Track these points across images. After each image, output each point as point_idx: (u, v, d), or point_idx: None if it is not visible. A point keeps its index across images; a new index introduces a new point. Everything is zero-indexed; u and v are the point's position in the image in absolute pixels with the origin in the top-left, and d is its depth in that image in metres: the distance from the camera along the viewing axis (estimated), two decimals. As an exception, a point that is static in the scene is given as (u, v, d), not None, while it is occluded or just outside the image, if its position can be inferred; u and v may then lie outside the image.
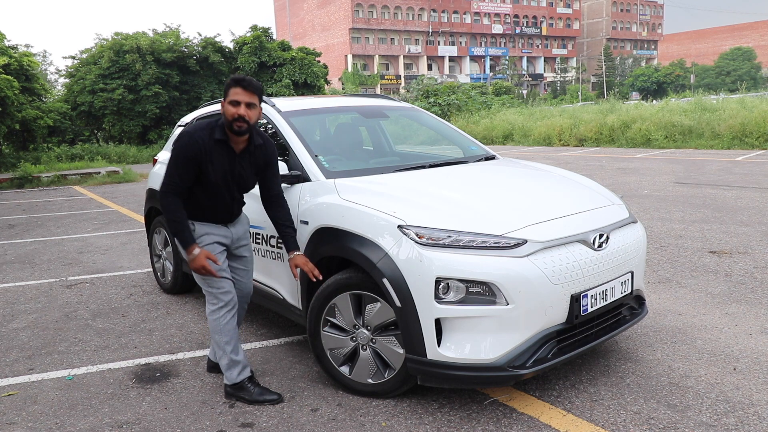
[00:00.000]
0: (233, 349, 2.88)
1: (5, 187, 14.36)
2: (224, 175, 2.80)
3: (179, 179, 2.74)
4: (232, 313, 2.88)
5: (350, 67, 60.74)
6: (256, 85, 2.75)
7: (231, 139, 2.79)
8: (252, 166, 2.90)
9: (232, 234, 2.98)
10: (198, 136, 2.73)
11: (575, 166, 12.78)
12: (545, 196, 3.16)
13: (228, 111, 2.71)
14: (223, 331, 2.86)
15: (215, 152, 2.76)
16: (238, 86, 2.70)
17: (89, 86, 23.62)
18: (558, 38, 77.86)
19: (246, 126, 2.71)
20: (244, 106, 2.69)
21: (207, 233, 2.88)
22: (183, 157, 2.72)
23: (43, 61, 38.37)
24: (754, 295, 4.19)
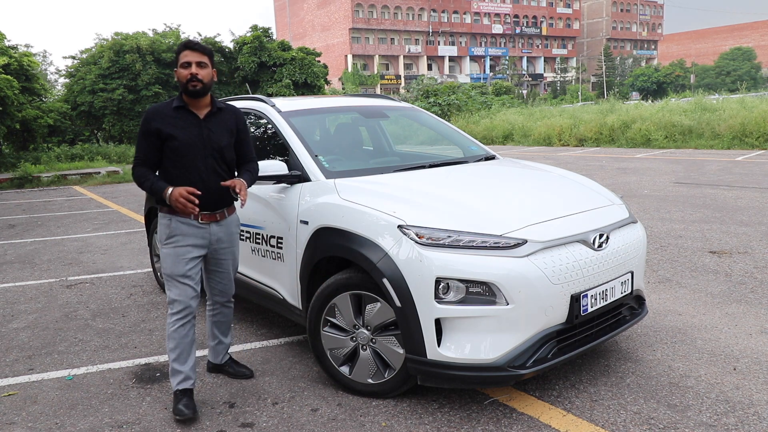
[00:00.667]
0: (177, 358, 2.80)
1: (5, 187, 14.36)
2: (192, 140, 2.72)
3: (142, 153, 2.73)
4: (182, 323, 2.78)
5: (350, 67, 60.73)
6: (205, 46, 2.75)
7: (191, 104, 2.77)
8: (222, 128, 2.83)
9: (211, 235, 2.84)
10: (156, 106, 2.76)
11: (575, 166, 12.78)
12: (545, 196, 3.16)
13: (180, 74, 2.71)
14: (169, 337, 2.80)
15: (178, 120, 2.73)
16: (186, 48, 2.71)
17: (89, 86, 23.61)
18: (558, 38, 77.85)
19: (200, 85, 2.70)
20: (195, 65, 2.69)
21: (182, 234, 2.77)
22: (142, 130, 2.72)
23: (43, 61, 38.39)
24: (754, 295, 4.19)
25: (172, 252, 2.77)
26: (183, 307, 2.78)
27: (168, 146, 2.71)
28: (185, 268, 2.77)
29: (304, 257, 3.08)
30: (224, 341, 3.20)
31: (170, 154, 2.73)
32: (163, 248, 2.80)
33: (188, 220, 2.77)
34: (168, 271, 2.78)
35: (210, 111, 2.81)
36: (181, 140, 2.70)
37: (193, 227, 2.78)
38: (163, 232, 2.80)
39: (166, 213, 2.78)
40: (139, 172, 2.74)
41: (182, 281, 2.77)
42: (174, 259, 2.76)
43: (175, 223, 2.76)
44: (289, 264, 3.23)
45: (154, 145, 2.72)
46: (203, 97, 2.76)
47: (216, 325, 3.15)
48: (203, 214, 2.78)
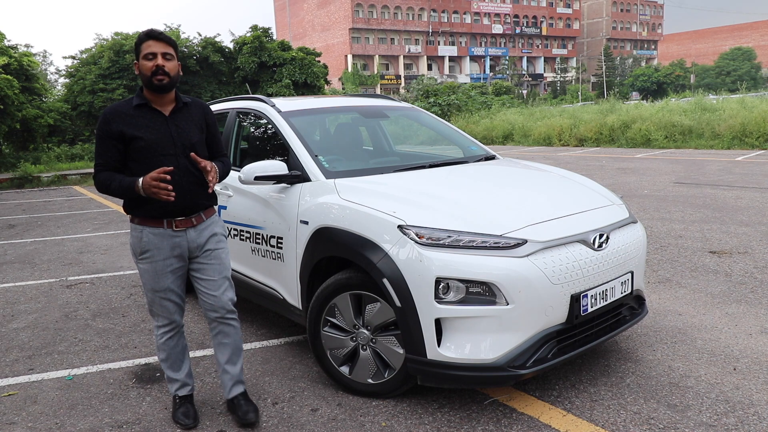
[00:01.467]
0: (170, 366, 2.74)
1: (5, 187, 14.36)
2: (160, 140, 2.48)
3: (103, 158, 2.48)
4: (169, 335, 2.69)
5: (350, 67, 60.74)
6: (169, 36, 2.51)
7: (154, 100, 2.52)
8: (191, 124, 2.58)
9: (189, 242, 2.59)
10: (114, 106, 2.51)
11: (575, 166, 12.78)
12: (545, 196, 3.16)
13: (144, 67, 2.45)
14: (159, 348, 2.73)
15: (142, 119, 2.48)
16: (150, 39, 2.46)
17: (89, 86, 23.60)
18: (558, 38, 77.86)
19: (167, 79, 2.45)
20: (161, 57, 2.44)
21: (156, 247, 2.54)
22: (101, 134, 2.47)
23: (43, 61, 38.38)
24: (754, 295, 4.19)
25: (149, 268, 2.57)
26: (167, 322, 2.68)
27: (133, 148, 2.46)
28: (167, 282, 2.59)
29: (304, 257, 3.08)
30: (229, 370, 2.75)
31: (136, 156, 2.47)
32: (138, 264, 2.61)
33: (161, 231, 2.54)
34: (148, 286, 2.61)
35: (175, 107, 2.57)
36: (148, 140, 2.46)
37: (167, 238, 2.55)
38: (136, 246, 2.58)
39: (137, 225, 2.57)
40: (102, 176, 2.48)
41: (164, 296, 2.61)
42: (152, 275, 2.58)
43: (147, 235, 2.54)
44: (289, 264, 3.23)
45: (116, 149, 2.47)
46: (168, 93, 2.52)
47: (219, 350, 2.74)
48: (177, 221, 2.55)
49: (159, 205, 2.47)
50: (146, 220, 2.54)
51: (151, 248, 2.55)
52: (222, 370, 2.76)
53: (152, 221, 2.54)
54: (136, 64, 2.50)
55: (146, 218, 2.54)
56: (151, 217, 2.53)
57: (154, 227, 2.54)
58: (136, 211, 2.54)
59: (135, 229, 2.58)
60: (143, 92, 2.53)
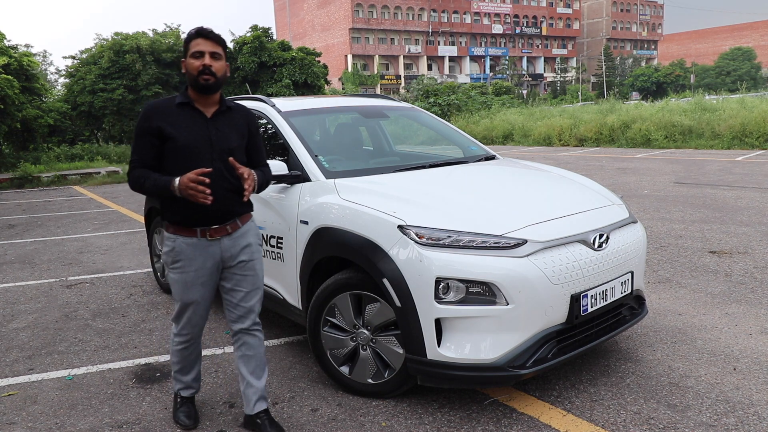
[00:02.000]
0: (180, 370, 2.72)
1: (5, 187, 14.36)
2: (197, 142, 2.38)
3: (139, 155, 2.40)
4: (185, 345, 2.64)
5: (350, 67, 60.73)
6: (219, 35, 2.41)
7: (198, 100, 2.43)
8: (231, 129, 2.48)
9: (223, 251, 2.49)
10: (156, 102, 2.45)
11: (575, 166, 12.78)
12: (545, 196, 3.16)
13: (191, 66, 2.36)
14: (172, 352, 2.69)
15: (182, 118, 2.40)
16: (199, 36, 2.36)
17: (89, 86, 23.61)
18: (558, 38, 77.85)
19: (213, 79, 2.35)
20: (209, 56, 2.35)
21: (187, 258, 2.45)
22: (141, 129, 2.40)
23: (43, 61, 38.33)
24: (754, 295, 4.19)
25: (180, 278, 2.48)
26: (188, 332, 2.61)
27: (168, 148, 2.38)
28: (196, 294, 2.51)
29: (304, 257, 3.08)
30: (254, 384, 2.60)
31: (171, 157, 2.39)
32: (170, 272, 2.53)
33: (194, 240, 2.44)
34: (177, 296, 2.54)
35: (218, 109, 2.47)
36: (184, 142, 2.37)
37: (200, 248, 2.45)
38: (169, 255, 2.50)
39: (171, 234, 2.48)
40: (136, 173, 2.41)
41: (192, 309, 2.54)
42: (182, 286, 2.49)
43: (180, 245, 2.45)
44: (289, 264, 3.23)
45: (153, 146, 2.39)
46: (214, 94, 2.43)
47: (243, 362, 2.62)
48: (211, 230, 2.45)
49: (192, 212, 2.39)
50: (179, 230, 2.45)
51: (183, 258, 2.46)
52: (246, 384, 2.62)
53: (185, 230, 2.45)
54: (183, 62, 2.41)
55: (179, 227, 2.45)
56: (184, 226, 2.44)
57: (188, 237, 2.44)
58: (170, 218, 2.46)
59: (168, 237, 2.50)
60: (188, 91, 2.45)
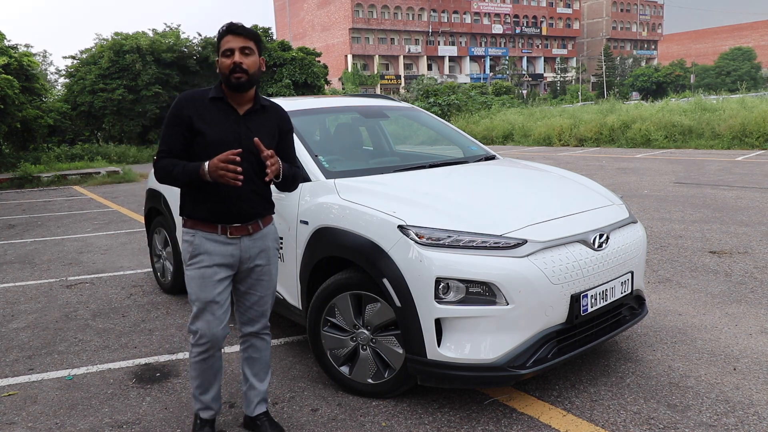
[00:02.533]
0: (199, 386, 2.49)
1: (5, 187, 14.36)
2: (226, 139, 2.32)
3: (168, 145, 2.33)
4: (206, 356, 2.44)
5: (350, 67, 60.75)
6: (250, 29, 2.32)
7: (231, 97, 2.36)
8: (263, 129, 2.40)
9: (242, 252, 2.42)
10: (190, 93, 2.37)
11: (575, 166, 12.78)
12: (545, 196, 3.16)
13: (223, 64, 2.29)
14: (192, 366, 2.49)
15: (213, 112, 2.34)
16: (229, 33, 2.29)
17: (89, 86, 23.63)
18: (558, 38, 77.86)
19: (246, 77, 2.27)
20: (239, 53, 2.27)
21: (206, 252, 2.36)
22: (172, 118, 2.32)
23: (43, 61, 38.37)
24: (754, 295, 4.19)
25: (197, 274, 2.37)
26: (207, 339, 2.40)
27: (197, 143, 2.32)
28: (213, 292, 2.36)
29: (304, 257, 3.08)
30: (257, 386, 2.60)
31: (198, 152, 2.32)
32: (187, 270, 2.41)
33: (214, 236, 2.37)
34: (194, 296, 2.39)
35: (251, 108, 2.39)
36: (214, 137, 2.30)
37: (220, 243, 2.37)
38: (186, 250, 2.40)
39: (189, 228, 2.40)
40: (164, 162, 2.32)
41: (210, 309, 2.37)
42: (199, 282, 2.36)
43: (199, 239, 2.37)
44: (289, 264, 3.23)
45: (182, 137, 2.31)
46: (247, 92, 2.35)
47: (247, 363, 2.61)
48: (232, 227, 2.38)
49: (214, 207, 2.34)
50: (199, 224, 2.38)
51: (201, 252, 2.37)
52: (248, 386, 2.60)
53: (206, 225, 2.37)
54: (217, 61, 2.34)
55: (200, 221, 2.38)
56: (204, 221, 2.37)
57: (207, 232, 2.37)
58: (191, 213, 2.39)
59: (187, 232, 2.41)
60: (221, 86, 2.36)
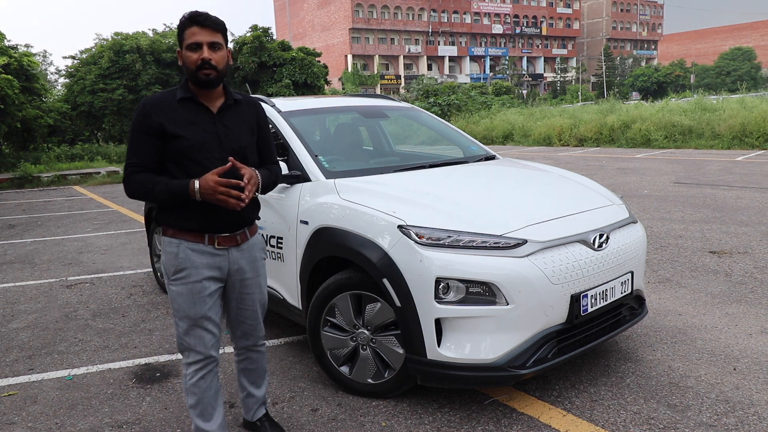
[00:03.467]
0: (200, 414, 2.27)
1: (5, 187, 14.36)
2: (205, 140, 2.13)
3: (139, 157, 2.11)
4: (202, 374, 2.24)
5: (350, 67, 60.74)
6: (217, 19, 2.12)
7: (200, 95, 2.17)
8: (241, 124, 2.25)
9: (231, 263, 2.24)
10: (155, 97, 2.16)
11: (575, 166, 12.78)
12: (545, 196, 3.16)
13: (189, 59, 2.09)
14: (188, 391, 2.26)
15: (185, 114, 2.14)
16: (194, 24, 2.09)
17: (89, 86, 23.62)
18: (558, 38, 77.86)
19: (215, 74, 2.10)
20: (207, 48, 2.08)
21: (193, 266, 2.16)
22: (139, 127, 2.11)
23: (43, 61, 38.38)
24: (754, 295, 4.19)
25: (185, 290, 2.16)
26: (201, 357, 2.23)
27: (173, 149, 2.11)
28: (204, 308, 2.18)
29: (304, 257, 3.08)
30: (255, 393, 2.54)
31: (176, 159, 2.13)
32: (171, 285, 2.19)
33: (201, 247, 2.17)
34: (182, 312, 2.18)
35: (224, 103, 2.22)
36: (192, 141, 2.11)
37: (207, 255, 2.18)
38: (170, 263, 2.18)
39: (171, 238, 2.18)
40: (138, 179, 2.11)
41: (202, 325, 2.19)
42: (188, 299, 2.17)
43: (184, 251, 2.16)
44: (289, 264, 3.23)
45: (154, 146, 2.11)
46: (216, 87, 2.19)
47: (244, 374, 2.52)
48: (220, 237, 2.20)
49: (200, 216, 2.14)
50: (184, 233, 2.17)
51: (188, 266, 2.16)
52: (246, 394, 2.53)
53: (191, 235, 2.17)
54: (179, 53, 2.15)
55: (184, 230, 2.17)
56: (189, 230, 2.17)
57: (193, 242, 2.17)
58: (172, 222, 2.18)
59: (170, 243, 2.19)
60: (188, 84, 2.18)
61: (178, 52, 2.17)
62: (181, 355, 2.27)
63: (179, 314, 2.20)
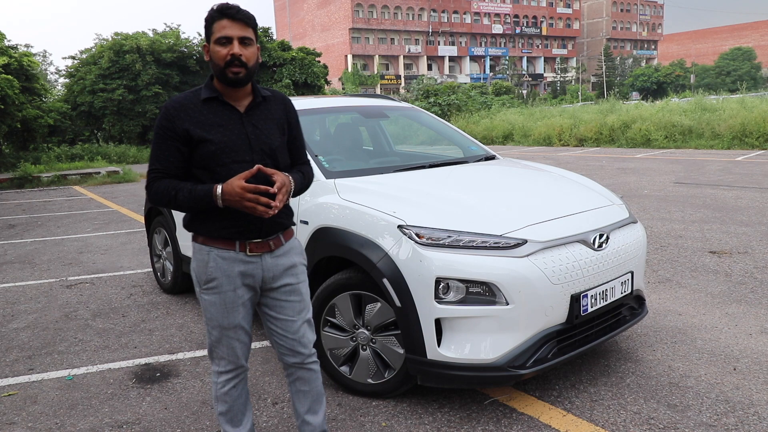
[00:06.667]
0: (230, 421, 2.22)
1: (5, 187, 14.36)
2: (234, 142, 2.00)
3: (163, 163, 1.99)
4: (233, 383, 2.18)
5: (350, 67, 60.75)
6: (248, 13, 1.98)
7: (227, 93, 2.03)
8: (270, 123, 2.09)
9: (264, 271, 2.09)
10: (179, 99, 2.02)
11: (575, 166, 12.78)
12: (545, 196, 3.16)
13: (217, 54, 1.95)
14: (218, 399, 2.20)
15: (211, 116, 2.00)
16: (224, 17, 1.94)
17: (89, 86, 23.64)
18: (558, 38, 77.87)
19: (244, 71, 1.96)
20: (238, 43, 1.94)
21: (225, 275, 2.04)
22: (163, 132, 1.98)
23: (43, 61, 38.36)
24: (754, 295, 4.19)
25: (218, 300, 2.06)
26: (232, 367, 2.16)
27: (200, 154, 1.98)
28: (236, 318, 2.09)
29: (304, 257, 3.07)
30: (311, 421, 2.28)
31: (204, 163, 1.99)
32: (202, 294, 2.10)
33: (232, 254, 2.04)
34: (214, 322, 2.10)
35: (253, 101, 2.07)
36: (220, 144, 1.97)
37: (238, 263, 2.05)
38: (201, 272, 2.07)
39: (201, 245, 2.07)
40: (161, 186, 1.98)
41: (234, 335, 2.11)
42: (220, 309, 2.07)
43: (215, 259, 2.04)
44: (289, 264, 3.22)
45: (179, 152, 1.98)
46: (245, 86, 2.04)
47: (297, 398, 2.28)
48: (252, 244, 2.06)
49: (231, 223, 2.01)
50: (213, 240, 2.05)
51: (219, 276, 2.05)
52: (301, 421, 2.29)
53: (221, 242, 2.04)
54: (206, 48, 2.01)
55: (214, 238, 2.05)
56: (220, 237, 2.04)
57: (224, 249, 2.04)
58: (201, 228, 2.06)
59: (200, 250, 2.08)
60: (213, 82, 2.04)
61: (205, 47, 2.03)
62: (211, 361, 2.21)
63: (211, 323, 2.12)
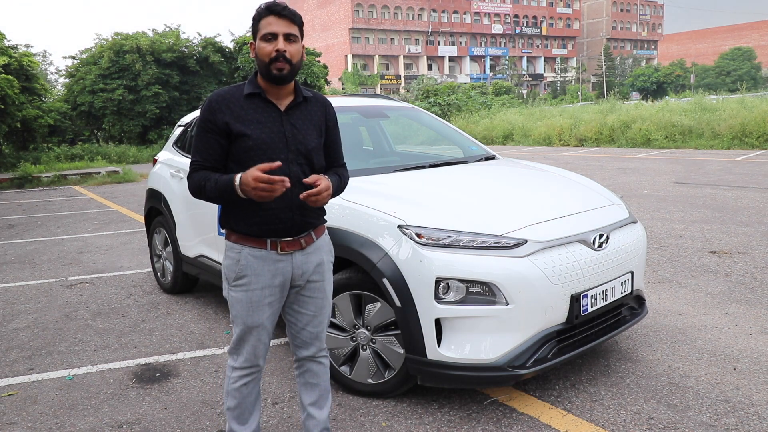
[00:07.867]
0: (237, 417, 2.23)
1: (5, 187, 14.36)
2: (271, 140, 2.03)
3: (202, 155, 2.04)
4: (247, 380, 2.20)
5: (350, 67, 60.76)
6: (294, 11, 2.02)
7: (269, 91, 2.06)
8: (309, 124, 2.12)
9: (295, 268, 2.12)
10: (222, 93, 2.07)
11: (575, 166, 12.78)
12: (545, 196, 3.16)
13: (263, 51, 1.99)
14: (229, 393, 2.22)
15: (252, 111, 2.04)
16: (270, 14, 1.99)
17: (89, 86, 23.64)
18: (558, 38, 77.89)
19: (288, 68, 1.99)
20: (283, 40, 1.98)
21: (254, 273, 2.08)
22: (205, 125, 2.04)
23: (43, 61, 38.42)
24: (754, 295, 4.19)
25: (244, 297, 2.10)
26: (249, 365, 2.19)
27: (237, 148, 2.03)
28: (262, 317, 2.12)
29: (304, 257, 3.07)
30: (316, 416, 2.30)
31: (240, 158, 2.03)
32: (231, 291, 2.14)
33: (263, 253, 2.08)
34: (239, 319, 2.13)
35: (293, 101, 2.10)
36: (257, 140, 2.01)
37: (269, 262, 2.09)
38: (231, 269, 2.11)
39: (234, 243, 2.11)
40: (196, 177, 2.04)
41: (256, 335, 2.14)
42: (247, 307, 2.10)
43: (246, 257, 2.08)
44: (289, 264, 3.22)
45: (218, 145, 2.03)
46: (288, 84, 2.07)
47: (304, 391, 2.32)
48: (283, 242, 2.09)
49: (262, 220, 2.05)
50: (245, 239, 2.09)
51: (249, 273, 2.08)
52: (306, 415, 2.31)
53: (252, 240, 2.08)
54: (252, 45, 2.05)
55: (245, 236, 2.09)
56: (251, 235, 2.08)
57: (255, 248, 2.08)
58: (234, 226, 2.11)
59: (232, 248, 2.12)
60: (257, 79, 2.08)
61: (251, 45, 2.08)
62: (229, 355, 2.23)
63: (237, 320, 2.15)
